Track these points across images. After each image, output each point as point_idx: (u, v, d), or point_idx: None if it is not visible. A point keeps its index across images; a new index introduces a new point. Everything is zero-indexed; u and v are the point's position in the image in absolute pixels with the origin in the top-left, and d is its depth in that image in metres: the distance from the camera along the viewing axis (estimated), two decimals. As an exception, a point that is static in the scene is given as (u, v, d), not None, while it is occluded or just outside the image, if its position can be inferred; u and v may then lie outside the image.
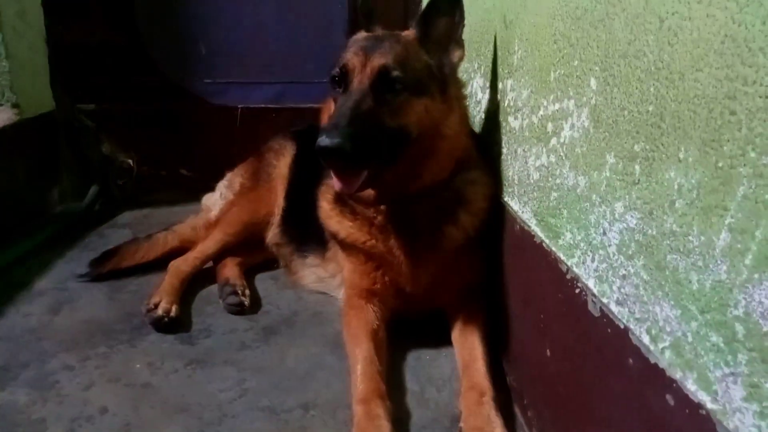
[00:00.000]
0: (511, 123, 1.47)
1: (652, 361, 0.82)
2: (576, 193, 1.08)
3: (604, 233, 0.97)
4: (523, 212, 1.38)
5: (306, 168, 2.00)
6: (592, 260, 1.01)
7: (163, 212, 2.72)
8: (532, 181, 1.32)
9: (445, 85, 1.50)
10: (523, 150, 1.37)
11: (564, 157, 1.13)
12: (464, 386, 1.42)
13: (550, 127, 1.20)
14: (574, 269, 1.08)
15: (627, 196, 0.89)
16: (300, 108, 2.86)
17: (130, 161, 2.93)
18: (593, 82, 1.01)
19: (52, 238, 2.38)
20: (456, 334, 1.62)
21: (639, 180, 0.86)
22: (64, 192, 2.85)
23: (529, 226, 1.32)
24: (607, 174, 0.96)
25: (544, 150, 1.23)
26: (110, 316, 1.84)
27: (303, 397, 1.47)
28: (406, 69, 1.42)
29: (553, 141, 1.19)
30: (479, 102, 1.80)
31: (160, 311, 1.76)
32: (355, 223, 1.64)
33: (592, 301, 1.00)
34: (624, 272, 0.90)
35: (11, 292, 1.97)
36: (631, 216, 0.88)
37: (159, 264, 2.09)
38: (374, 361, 1.47)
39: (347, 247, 1.69)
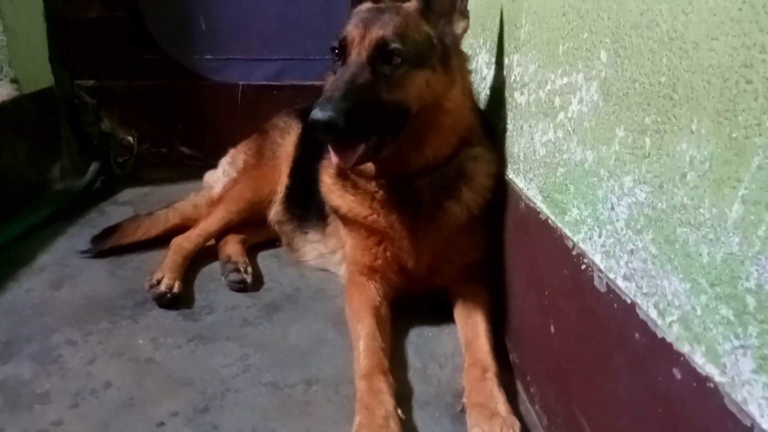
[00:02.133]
0: (517, 99, 1.45)
1: (659, 335, 0.81)
2: (583, 168, 1.06)
3: (612, 208, 0.96)
4: (528, 189, 1.37)
5: (310, 146, 1.98)
6: (599, 236, 1.00)
7: (164, 190, 2.70)
8: (538, 157, 1.30)
9: (447, 57, 1.48)
10: (529, 126, 1.35)
11: (572, 132, 1.12)
12: (467, 362, 1.43)
13: (557, 101, 1.19)
14: (581, 245, 1.07)
15: (636, 170, 0.88)
16: (301, 85, 2.84)
17: (131, 138, 2.91)
18: (603, 55, 0.99)
19: (52, 215, 2.36)
20: (459, 312, 1.61)
21: (649, 153, 0.85)
22: (65, 169, 2.84)
23: (534, 203, 1.31)
24: (617, 148, 0.94)
25: (551, 125, 1.22)
26: (112, 291, 1.84)
27: (306, 373, 1.47)
28: (406, 41, 1.40)
29: (561, 116, 1.17)
30: (484, 78, 1.77)
31: (162, 287, 1.76)
32: (356, 197, 1.63)
33: (599, 276, 0.99)
34: (632, 247, 0.90)
35: (13, 268, 1.97)
36: (641, 190, 0.87)
37: (160, 241, 2.09)
38: (376, 337, 1.47)
39: (349, 222, 1.69)
